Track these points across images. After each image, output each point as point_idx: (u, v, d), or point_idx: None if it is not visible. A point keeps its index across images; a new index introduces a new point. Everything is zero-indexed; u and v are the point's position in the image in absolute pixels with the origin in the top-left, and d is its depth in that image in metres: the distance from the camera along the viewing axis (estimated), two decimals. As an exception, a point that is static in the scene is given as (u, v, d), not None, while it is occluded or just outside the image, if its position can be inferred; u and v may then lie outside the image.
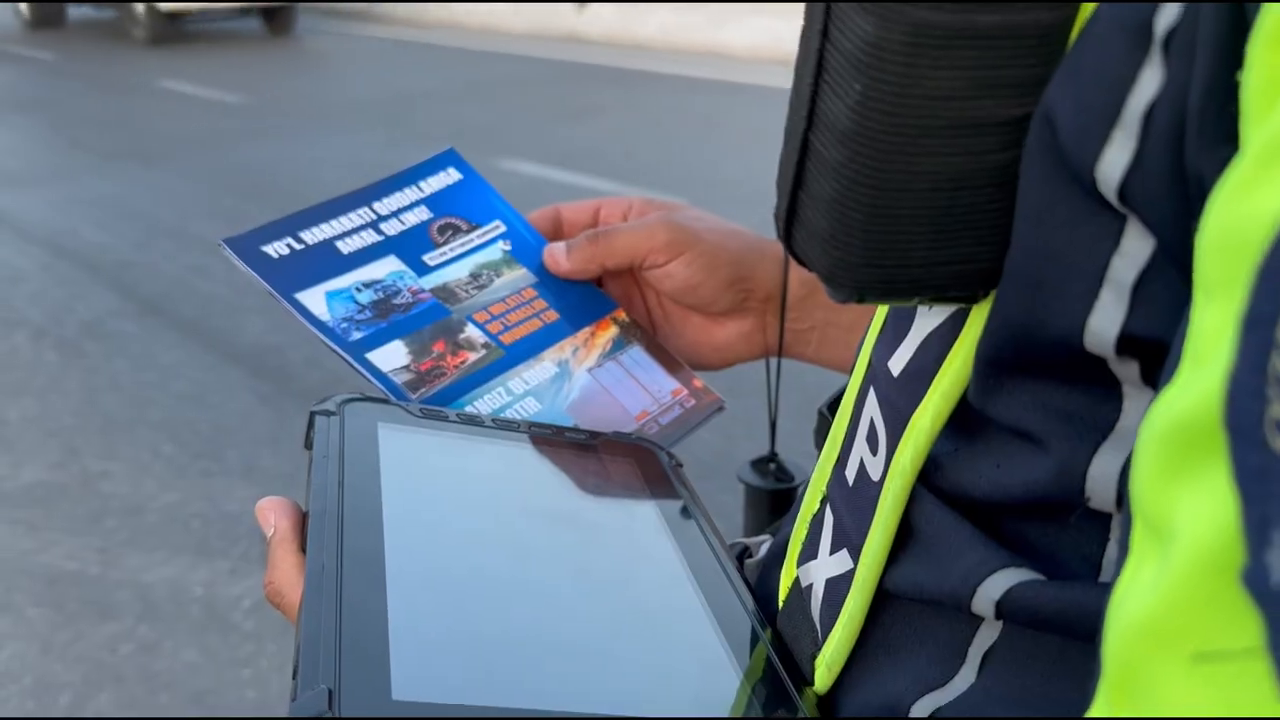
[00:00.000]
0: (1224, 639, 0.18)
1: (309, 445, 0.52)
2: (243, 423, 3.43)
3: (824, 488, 0.48)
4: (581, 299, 0.71)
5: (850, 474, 0.46)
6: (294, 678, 0.38)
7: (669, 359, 0.71)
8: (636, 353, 0.70)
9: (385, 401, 0.58)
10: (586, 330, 0.69)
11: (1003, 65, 0.31)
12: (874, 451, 0.43)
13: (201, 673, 2.34)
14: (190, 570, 2.66)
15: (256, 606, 2.53)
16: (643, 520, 0.55)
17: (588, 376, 0.67)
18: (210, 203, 6.05)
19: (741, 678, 0.44)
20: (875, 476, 0.43)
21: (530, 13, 14.05)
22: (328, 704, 0.36)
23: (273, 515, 0.52)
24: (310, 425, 0.54)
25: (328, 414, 0.54)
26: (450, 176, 0.76)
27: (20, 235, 5.49)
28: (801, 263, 0.37)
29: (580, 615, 0.47)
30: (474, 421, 0.59)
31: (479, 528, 0.52)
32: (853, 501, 0.45)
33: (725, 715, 0.42)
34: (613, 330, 0.70)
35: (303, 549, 0.48)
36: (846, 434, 0.47)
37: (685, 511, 0.56)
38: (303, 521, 0.50)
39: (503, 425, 0.59)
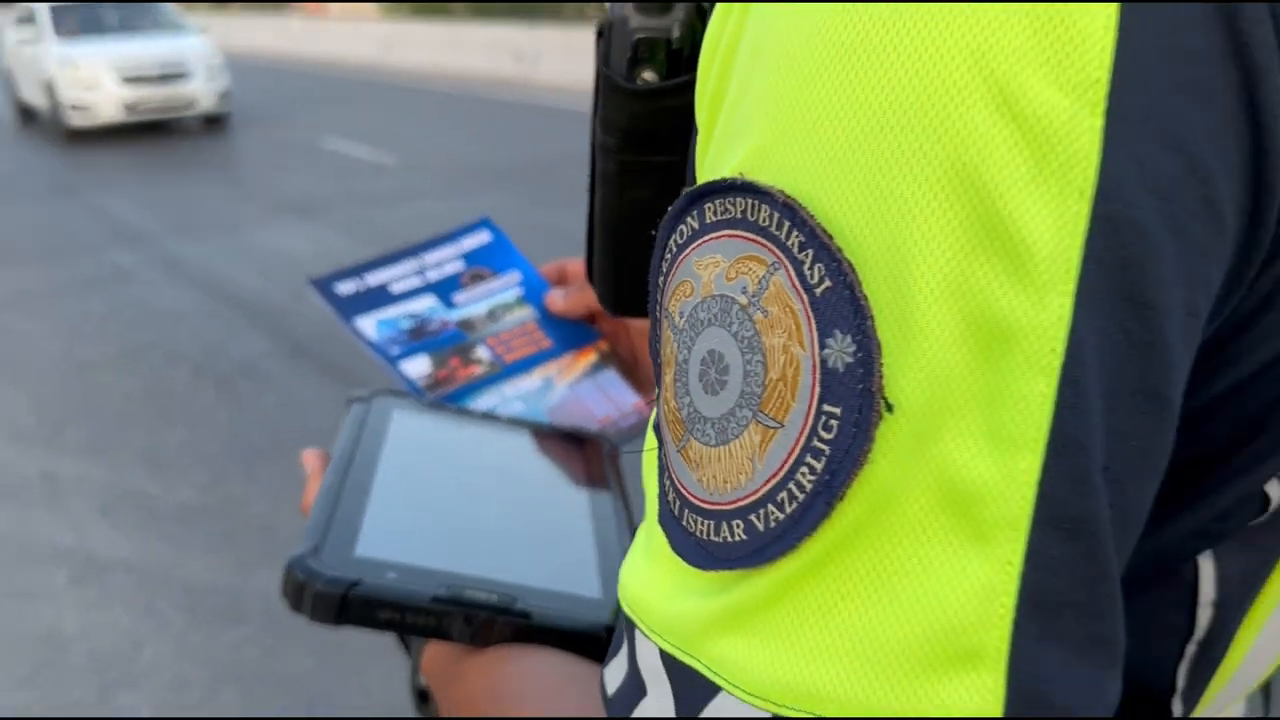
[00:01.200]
0: None
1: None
2: (369, 458, 3.67)
3: None
4: (572, 332, 0.87)
5: None
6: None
7: (639, 380, 0.86)
8: (610, 374, 0.85)
9: (404, 395, 0.77)
10: (571, 355, 0.85)
11: (672, 180, 0.48)
12: None
13: (316, 677, 2.55)
14: (311, 587, 2.89)
15: (366, 623, 2.73)
16: (568, 478, 0.73)
17: (567, 389, 0.83)
18: (359, 254, 6.44)
19: (597, 570, 0.63)
20: None
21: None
22: (313, 551, 0.55)
23: (310, 459, 0.72)
24: (347, 405, 0.73)
25: (361, 399, 0.74)
26: (483, 238, 0.93)
27: (189, 281, 5.96)
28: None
29: (498, 524, 0.66)
30: (466, 413, 0.77)
31: (444, 473, 0.70)
32: None
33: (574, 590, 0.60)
34: (593, 356, 0.86)
35: None
36: None
37: (605, 481, 0.73)
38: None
39: (487, 417, 0.77)
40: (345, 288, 0.86)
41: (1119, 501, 0.28)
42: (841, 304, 0.27)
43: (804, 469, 0.28)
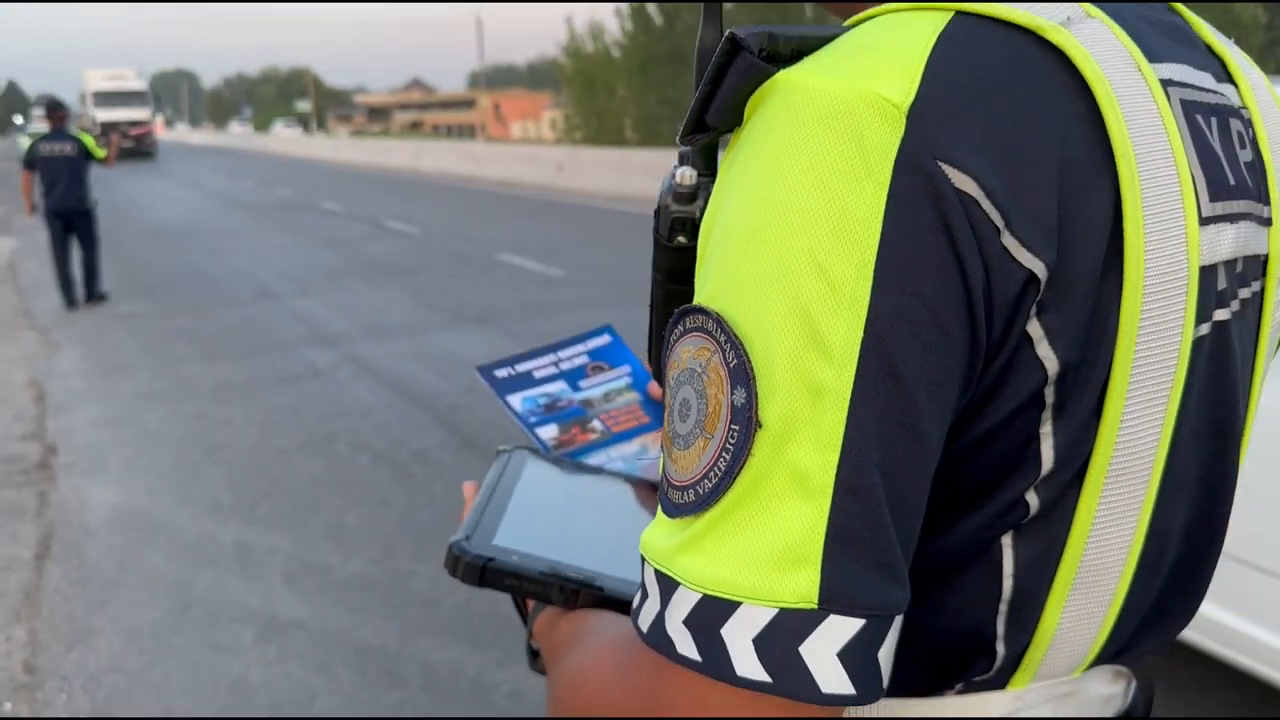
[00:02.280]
0: None
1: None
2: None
3: None
4: (655, 417, 1.04)
5: None
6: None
7: None
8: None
9: (537, 450, 0.97)
10: (662, 430, 1.01)
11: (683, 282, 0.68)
12: None
13: (464, 741, 2.69)
14: (467, 655, 3.06)
15: (514, 691, 2.87)
16: (646, 511, 0.90)
17: (658, 453, 1.00)
18: (526, 358, 6.77)
19: None
20: None
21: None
22: (466, 538, 0.75)
23: (468, 487, 0.90)
24: (497, 454, 0.94)
25: (506, 450, 0.95)
26: (604, 340, 1.10)
27: (375, 378, 6.39)
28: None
29: (591, 534, 0.83)
30: (580, 465, 0.97)
31: (559, 501, 0.90)
32: None
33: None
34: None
35: None
36: None
37: None
38: None
39: (595, 469, 0.97)
40: (501, 373, 1.05)
41: (891, 486, 0.48)
42: (741, 372, 0.48)
43: (721, 460, 0.49)
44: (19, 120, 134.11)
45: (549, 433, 0.99)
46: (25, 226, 16.27)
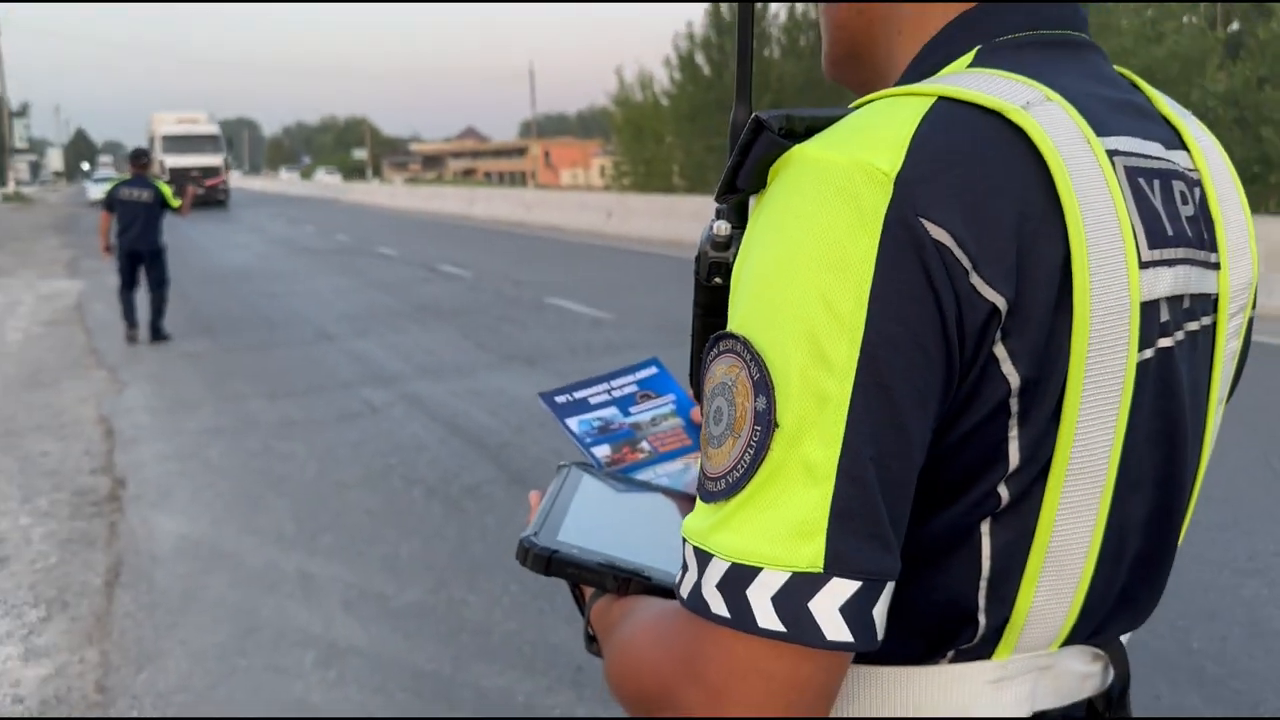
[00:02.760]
0: None
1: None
2: (563, 585, 3.94)
3: None
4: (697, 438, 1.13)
5: None
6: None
7: None
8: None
9: (592, 467, 1.07)
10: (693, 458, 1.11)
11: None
12: None
13: (514, 763, 2.77)
14: (518, 682, 3.14)
15: (563, 717, 2.94)
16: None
17: (679, 470, 1.11)
18: (574, 398, 6.88)
19: None
20: None
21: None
22: (535, 534, 0.86)
23: (534, 495, 1.01)
24: (557, 470, 1.04)
25: (566, 466, 1.05)
26: (652, 371, 1.21)
27: (428, 415, 6.53)
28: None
29: (640, 535, 0.92)
30: (630, 480, 1.07)
31: (612, 508, 1.00)
32: None
33: None
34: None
35: None
36: None
37: None
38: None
39: (642, 483, 1.07)
40: (561, 399, 1.16)
41: (883, 475, 0.59)
42: (763, 384, 0.59)
43: (746, 454, 0.60)
44: (85, 167, 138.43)
45: (602, 451, 1.09)
46: (91, 269, 16.82)
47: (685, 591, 0.62)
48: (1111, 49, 20.15)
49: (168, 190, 10.01)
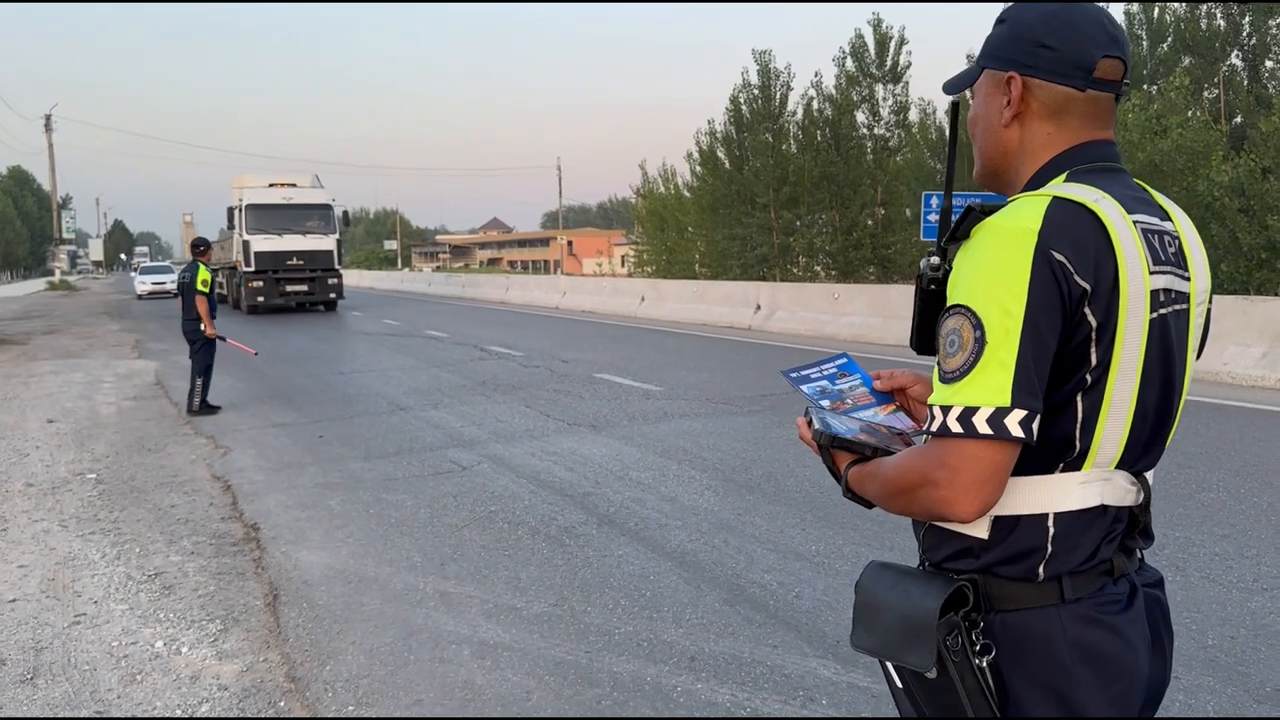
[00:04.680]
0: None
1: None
2: (669, 595, 4.56)
3: None
4: (884, 398, 1.78)
5: None
6: None
7: (912, 415, 1.74)
8: (900, 414, 1.74)
9: (822, 408, 1.70)
10: (885, 405, 1.75)
11: (939, 306, 1.46)
12: None
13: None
14: (644, 667, 3.75)
15: (686, 691, 3.55)
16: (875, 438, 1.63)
17: (883, 416, 1.73)
18: (639, 459, 7.54)
19: None
20: None
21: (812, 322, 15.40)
22: (821, 432, 1.59)
23: (800, 422, 1.67)
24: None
25: (808, 416, 1.67)
26: (843, 360, 1.86)
27: (514, 472, 7.19)
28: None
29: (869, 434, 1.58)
30: (843, 417, 1.68)
31: (845, 425, 1.62)
32: None
33: None
34: (893, 407, 1.75)
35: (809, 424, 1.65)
36: None
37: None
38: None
39: (850, 418, 1.68)
40: (794, 375, 1.81)
41: (1036, 367, 1.29)
42: (978, 324, 1.29)
43: (970, 358, 1.29)
44: (123, 257, 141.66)
45: (825, 403, 1.74)
46: (159, 351, 17.66)
47: (935, 428, 1.29)
48: (1120, 143, 20.96)
49: (204, 274, 10.69)
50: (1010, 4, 1.53)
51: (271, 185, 29.29)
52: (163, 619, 4.56)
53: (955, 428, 1.27)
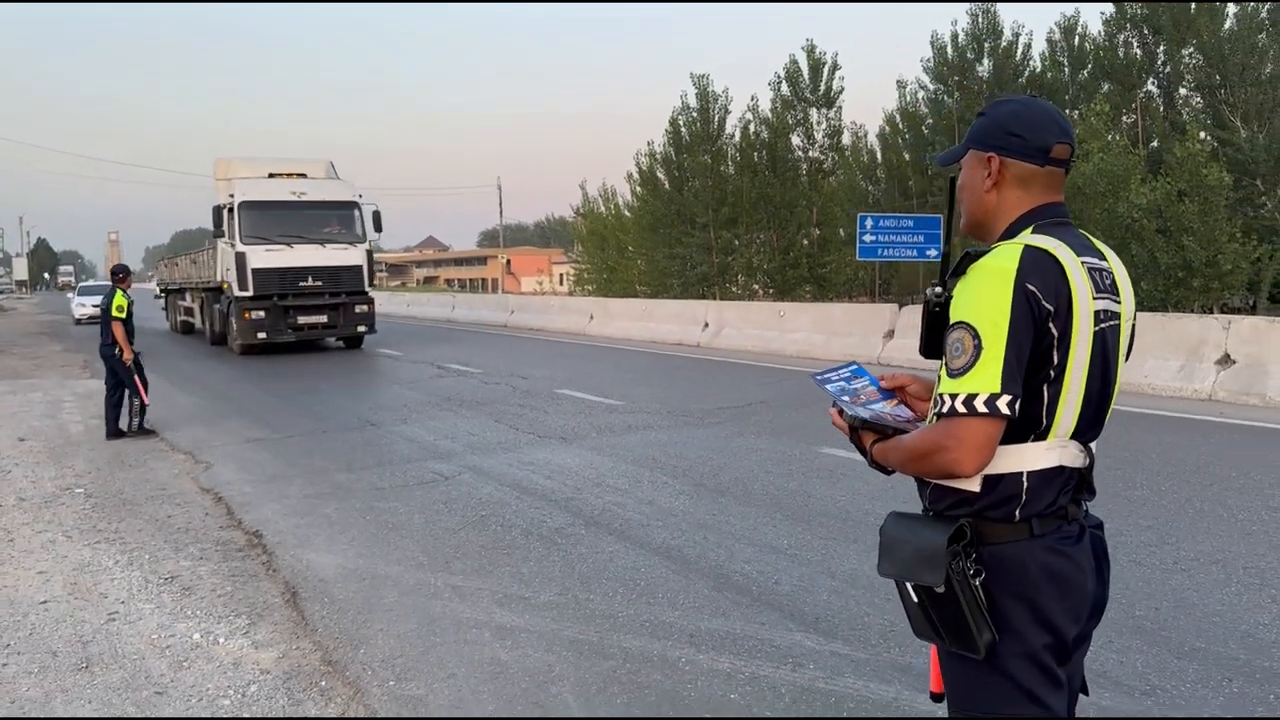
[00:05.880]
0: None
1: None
2: (661, 584, 5.05)
3: None
4: (889, 395, 2.30)
5: None
6: None
7: (910, 408, 2.26)
8: (903, 407, 2.26)
9: (844, 400, 2.21)
10: (891, 400, 2.27)
11: (945, 319, 2.00)
12: None
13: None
14: (650, 643, 4.23)
15: (691, 662, 4.03)
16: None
17: (889, 409, 2.24)
18: (612, 468, 8.02)
19: None
20: None
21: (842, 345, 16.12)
22: (852, 417, 2.11)
23: (833, 411, 2.19)
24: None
25: (836, 407, 2.19)
26: (854, 367, 2.37)
27: (496, 480, 7.63)
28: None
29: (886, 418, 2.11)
30: (848, 412, 2.20)
31: (863, 411, 2.15)
32: None
33: None
34: (895, 401, 2.27)
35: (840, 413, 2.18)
36: None
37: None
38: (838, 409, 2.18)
39: (867, 409, 2.20)
40: (820, 378, 2.31)
41: (1017, 363, 1.82)
42: (975, 335, 1.82)
43: (972, 358, 1.82)
44: (47, 276, 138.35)
45: (845, 399, 2.22)
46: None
47: (945, 409, 1.81)
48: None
49: (119, 300, 10.83)
50: (991, 101, 2.08)
51: (272, 176, 20.98)
52: (190, 615, 4.92)
53: (961, 409, 1.79)
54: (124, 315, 10.87)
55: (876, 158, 36.81)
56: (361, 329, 20.84)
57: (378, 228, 21.29)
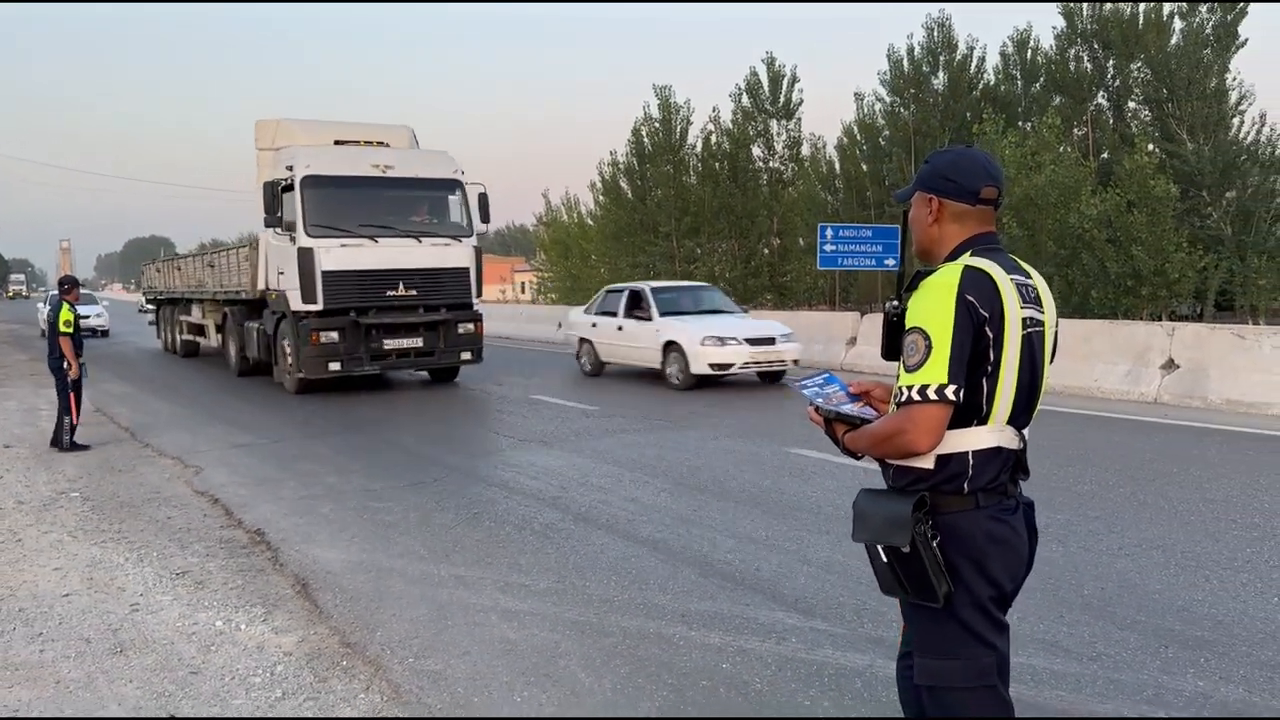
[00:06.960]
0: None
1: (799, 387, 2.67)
2: (651, 572, 5.45)
3: None
4: (854, 398, 2.71)
5: None
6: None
7: (878, 410, 2.67)
8: (867, 408, 2.67)
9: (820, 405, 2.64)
10: (858, 403, 2.69)
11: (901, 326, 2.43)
12: None
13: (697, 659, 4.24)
14: (647, 624, 4.62)
15: (685, 639, 4.44)
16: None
17: (854, 407, 2.66)
18: (594, 468, 8.42)
19: None
20: None
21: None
22: (827, 411, 2.57)
23: (810, 410, 2.63)
24: (801, 388, 2.65)
25: (816, 407, 2.62)
26: (826, 375, 2.79)
27: (484, 482, 7.97)
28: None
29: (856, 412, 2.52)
30: (824, 408, 2.62)
31: (835, 408, 2.58)
32: None
33: None
34: (861, 403, 2.69)
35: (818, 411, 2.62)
36: None
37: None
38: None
39: (839, 409, 2.62)
40: (797, 383, 2.73)
41: (960, 359, 2.26)
42: (926, 336, 2.27)
43: (924, 354, 2.26)
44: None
45: (819, 400, 2.62)
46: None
47: (903, 400, 2.24)
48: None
49: (66, 315, 10.52)
50: (932, 151, 2.58)
51: (339, 143, 15.52)
52: (208, 605, 5.24)
53: (916, 397, 2.23)
54: (71, 330, 10.66)
55: (835, 168, 37.57)
56: (466, 356, 15.33)
57: (484, 217, 15.61)
